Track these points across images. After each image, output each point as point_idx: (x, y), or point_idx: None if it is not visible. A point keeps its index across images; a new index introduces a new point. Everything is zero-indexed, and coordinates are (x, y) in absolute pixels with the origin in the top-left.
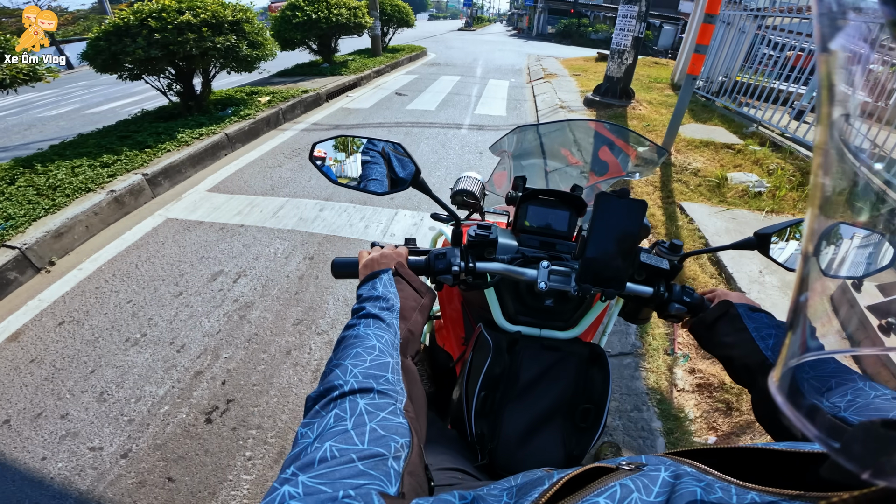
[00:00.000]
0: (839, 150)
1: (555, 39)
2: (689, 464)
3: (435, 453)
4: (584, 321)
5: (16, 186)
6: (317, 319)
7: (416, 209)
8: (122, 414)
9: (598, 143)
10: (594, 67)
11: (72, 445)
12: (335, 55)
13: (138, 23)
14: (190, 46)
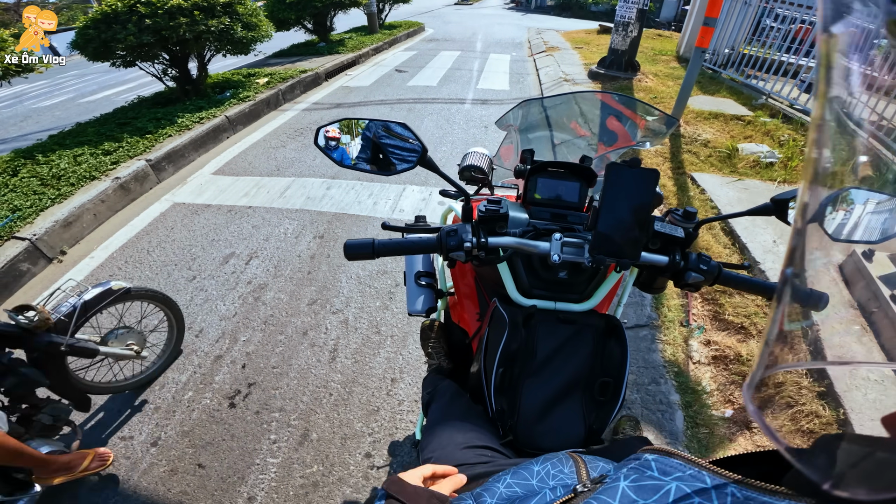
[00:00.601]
0: (838, 124)
1: (554, 12)
2: (680, 457)
3: (464, 430)
4: (598, 293)
5: (19, 178)
6: (331, 298)
7: (423, 184)
8: (147, 402)
9: (605, 113)
10: (597, 40)
11: (103, 435)
12: (331, 34)
13: (127, 9)
14: (183, 31)
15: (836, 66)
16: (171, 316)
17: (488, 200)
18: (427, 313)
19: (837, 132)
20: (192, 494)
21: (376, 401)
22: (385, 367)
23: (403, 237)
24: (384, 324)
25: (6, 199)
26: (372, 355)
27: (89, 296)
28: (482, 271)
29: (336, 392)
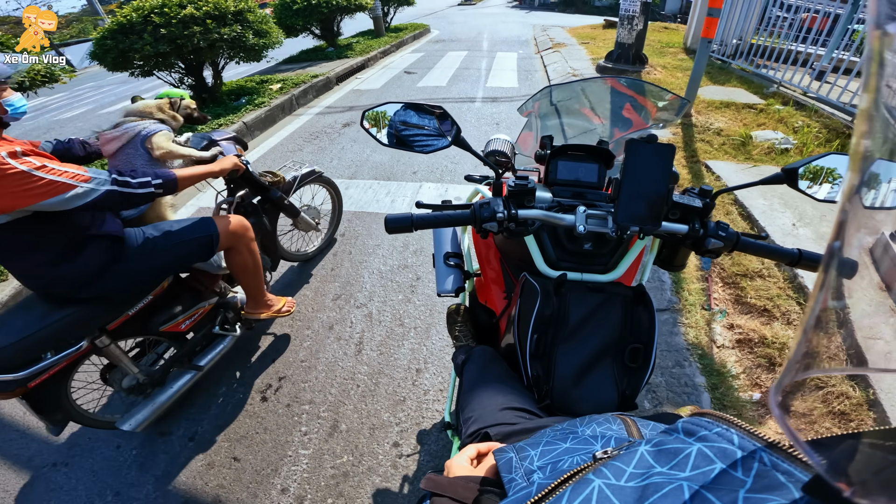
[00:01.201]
0: (885, 118)
1: (558, 9)
2: (711, 414)
3: (503, 392)
4: (622, 263)
5: None
6: (354, 293)
7: (439, 181)
8: (185, 398)
9: (618, 99)
10: (602, 35)
11: (143, 432)
12: (339, 39)
13: (142, 19)
14: (197, 39)
15: (888, 64)
16: (336, 203)
17: (517, 176)
18: (456, 292)
19: (883, 124)
20: (228, 487)
21: (402, 391)
22: (410, 357)
23: (438, 212)
24: (407, 316)
25: None
26: (396, 347)
27: (304, 171)
28: (507, 249)
29: (363, 384)
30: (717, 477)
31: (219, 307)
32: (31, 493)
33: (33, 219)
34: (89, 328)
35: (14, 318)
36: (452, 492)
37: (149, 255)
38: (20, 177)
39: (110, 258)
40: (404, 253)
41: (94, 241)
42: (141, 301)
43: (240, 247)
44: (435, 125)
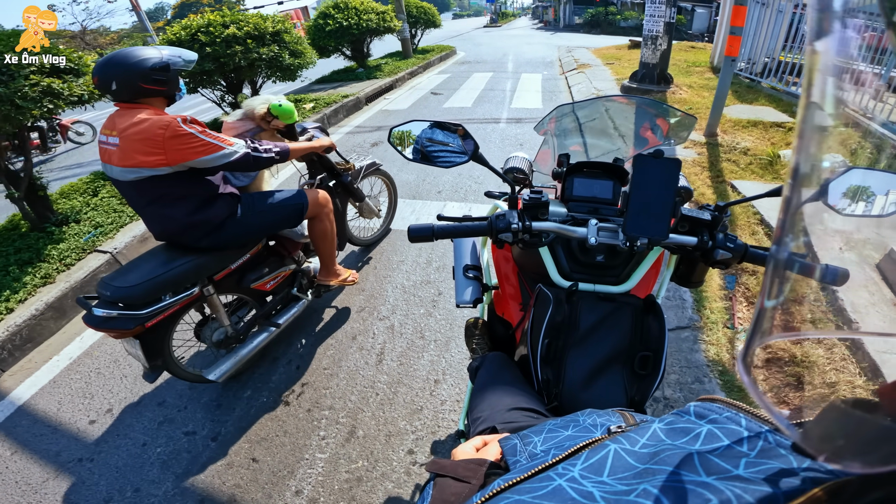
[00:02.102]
0: (818, 128)
1: (583, 30)
2: (721, 401)
3: (511, 394)
4: (635, 275)
5: (99, 198)
6: (378, 306)
7: (462, 200)
8: (212, 399)
9: (631, 117)
10: (627, 55)
11: (169, 431)
12: (368, 60)
13: (189, 38)
14: (238, 58)
15: (815, 83)
16: (393, 195)
17: (531, 191)
18: (474, 304)
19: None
20: (244, 487)
21: (420, 400)
22: (429, 369)
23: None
24: (428, 329)
25: (89, 216)
26: (416, 358)
27: (367, 162)
28: (523, 262)
29: (382, 392)
30: (723, 450)
31: (296, 273)
32: (53, 487)
33: (187, 174)
34: (201, 275)
35: (143, 264)
36: (454, 472)
37: (256, 214)
38: (188, 137)
39: (230, 213)
40: (427, 269)
41: (221, 197)
42: (241, 257)
43: (322, 216)
44: (458, 143)
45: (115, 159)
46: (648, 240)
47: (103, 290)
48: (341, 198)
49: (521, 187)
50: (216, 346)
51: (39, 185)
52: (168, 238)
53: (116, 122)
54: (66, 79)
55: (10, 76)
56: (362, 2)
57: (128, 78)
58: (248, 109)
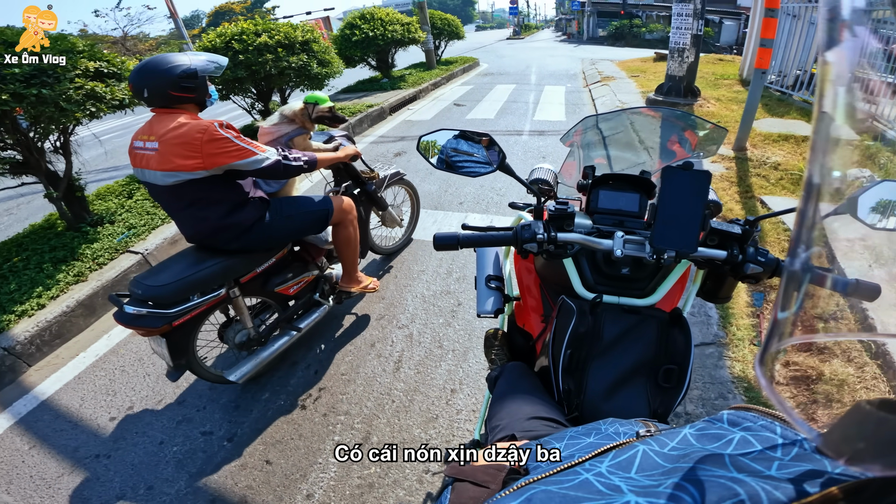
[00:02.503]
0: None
1: (607, 42)
2: (756, 409)
3: (531, 403)
4: (661, 288)
5: (134, 200)
6: (397, 315)
7: (484, 212)
8: (230, 401)
9: (658, 129)
10: (653, 68)
11: (186, 430)
12: (393, 70)
13: (224, 45)
14: (269, 66)
15: (826, 93)
16: (415, 205)
17: (557, 201)
18: (495, 314)
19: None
20: (255, 489)
21: (435, 409)
22: (446, 378)
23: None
24: (446, 339)
25: (123, 218)
26: (434, 367)
27: (391, 171)
28: (546, 273)
29: (398, 399)
30: (756, 454)
31: (319, 279)
32: (67, 483)
33: (222, 178)
34: (228, 277)
35: (174, 264)
36: (472, 477)
37: (283, 218)
38: (224, 142)
39: (258, 216)
40: (447, 279)
41: (251, 201)
42: (267, 261)
43: (346, 223)
44: (483, 153)
45: (153, 163)
46: (676, 253)
47: (135, 288)
48: (365, 206)
49: (545, 199)
50: (238, 347)
51: (77, 186)
52: (199, 240)
53: (154, 127)
54: (109, 83)
55: (56, 79)
56: (388, 13)
57: (158, 86)
58: (286, 111)
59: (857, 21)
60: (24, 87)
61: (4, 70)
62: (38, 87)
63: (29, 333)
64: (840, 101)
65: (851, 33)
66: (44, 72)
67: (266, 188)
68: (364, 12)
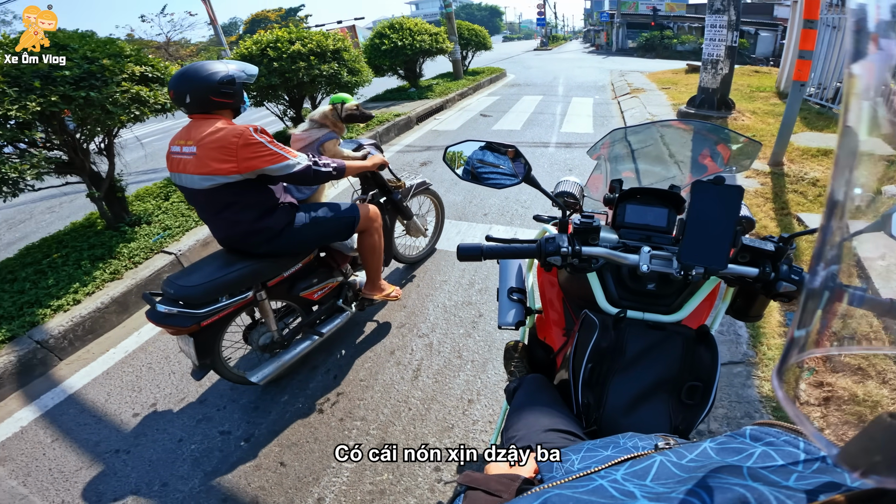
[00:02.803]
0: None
1: (637, 53)
2: (780, 425)
3: (549, 415)
4: (688, 305)
5: (170, 202)
6: (418, 324)
7: (508, 224)
8: (250, 401)
9: (689, 143)
10: (685, 80)
11: (206, 428)
12: (420, 80)
13: (259, 52)
14: (301, 74)
15: (851, 107)
16: (440, 215)
17: (582, 215)
18: (516, 326)
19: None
20: (268, 490)
21: (452, 419)
22: (463, 388)
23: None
24: (466, 349)
25: (159, 219)
26: (452, 377)
27: (418, 181)
28: (569, 287)
29: (415, 407)
30: (776, 468)
31: (343, 285)
32: (84, 476)
33: (255, 183)
34: (256, 280)
35: (205, 266)
36: (486, 485)
37: (311, 224)
38: (258, 146)
39: (288, 221)
40: (469, 291)
41: (281, 206)
42: (294, 266)
43: (371, 231)
44: (508, 165)
45: (190, 167)
46: (705, 269)
47: (168, 287)
48: (390, 215)
49: (571, 212)
50: (261, 349)
51: (119, 187)
52: (230, 243)
53: (192, 132)
54: (153, 87)
55: (104, 82)
56: (416, 23)
57: (200, 91)
58: (315, 116)
59: (885, 33)
60: (74, 89)
61: (55, 72)
62: (87, 90)
63: (63, 328)
64: (865, 115)
65: (878, 46)
66: (92, 74)
67: (297, 194)
68: (393, 22)
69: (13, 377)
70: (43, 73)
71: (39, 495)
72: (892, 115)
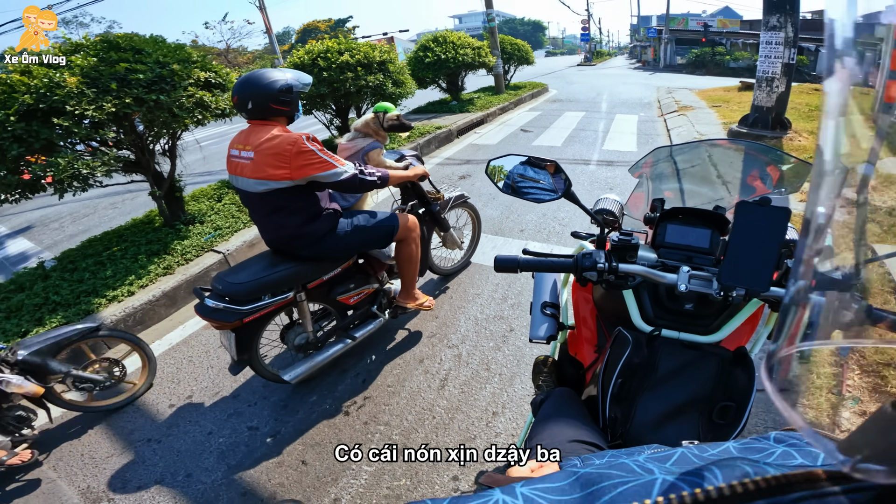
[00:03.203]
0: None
1: (686, 70)
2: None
3: (574, 427)
4: (726, 327)
5: (222, 203)
6: (449, 334)
7: (545, 241)
8: (280, 399)
9: (738, 163)
10: (737, 98)
11: (235, 423)
12: (462, 93)
13: (311, 62)
14: (349, 84)
15: (826, 125)
16: (477, 228)
17: (621, 232)
18: (547, 340)
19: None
20: (286, 487)
21: (475, 430)
22: (489, 400)
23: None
24: (494, 363)
25: (211, 219)
26: (479, 388)
27: (456, 193)
28: (605, 305)
29: (439, 416)
30: (796, 465)
31: (378, 292)
32: (113, 463)
33: (305, 189)
34: (298, 282)
35: (251, 265)
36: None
37: (352, 230)
38: (310, 154)
39: (331, 227)
40: (502, 305)
41: (325, 212)
42: (334, 270)
43: (409, 240)
44: (549, 180)
45: (247, 171)
46: (746, 290)
47: (217, 283)
48: (428, 226)
49: (609, 230)
50: (296, 349)
51: (178, 187)
52: (276, 245)
53: (250, 137)
54: (215, 93)
55: (173, 86)
56: (460, 37)
57: (261, 98)
58: (359, 125)
59: (847, 52)
60: (146, 92)
61: (130, 75)
62: (157, 94)
63: (115, 318)
64: (830, 134)
65: (843, 64)
66: (163, 79)
67: (342, 202)
68: (437, 35)
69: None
70: (119, 75)
71: (66, 479)
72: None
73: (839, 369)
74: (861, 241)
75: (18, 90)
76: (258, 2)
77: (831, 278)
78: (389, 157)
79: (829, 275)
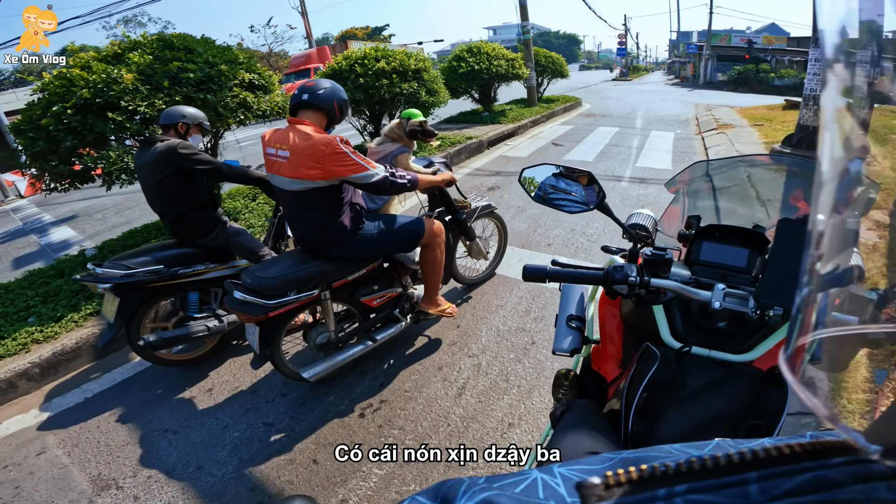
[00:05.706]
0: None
1: (727, 87)
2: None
3: (593, 439)
4: (760, 347)
5: (256, 202)
6: (469, 343)
7: (573, 256)
8: (297, 397)
9: (780, 182)
10: (781, 116)
11: (251, 418)
12: (494, 104)
13: (348, 68)
14: (384, 91)
15: (824, 139)
16: (503, 239)
17: (654, 247)
18: (571, 353)
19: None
20: (294, 485)
21: (489, 439)
22: (506, 411)
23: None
24: (513, 374)
25: (245, 217)
26: (496, 399)
27: (483, 203)
28: (633, 320)
29: (454, 424)
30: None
31: (401, 296)
32: (128, 452)
33: (336, 189)
34: (323, 280)
35: (280, 262)
36: None
37: (379, 232)
38: (343, 155)
39: (358, 228)
40: (525, 318)
41: (355, 213)
42: (358, 271)
43: (434, 245)
44: (581, 193)
45: (284, 170)
46: (784, 310)
47: (246, 277)
48: (454, 234)
49: (642, 245)
50: (317, 348)
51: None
52: (305, 243)
53: (287, 136)
54: (258, 94)
55: (219, 86)
56: (494, 48)
57: (327, 97)
58: (386, 130)
59: (837, 62)
60: (195, 91)
61: (182, 74)
62: (205, 93)
63: None
64: (825, 145)
65: (834, 75)
66: (211, 78)
67: (370, 204)
68: (471, 46)
69: (91, 350)
70: (172, 73)
71: (78, 466)
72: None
73: (874, 395)
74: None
75: (77, 84)
76: (300, 7)
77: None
78: (419, 163)
79: (832, 274)
